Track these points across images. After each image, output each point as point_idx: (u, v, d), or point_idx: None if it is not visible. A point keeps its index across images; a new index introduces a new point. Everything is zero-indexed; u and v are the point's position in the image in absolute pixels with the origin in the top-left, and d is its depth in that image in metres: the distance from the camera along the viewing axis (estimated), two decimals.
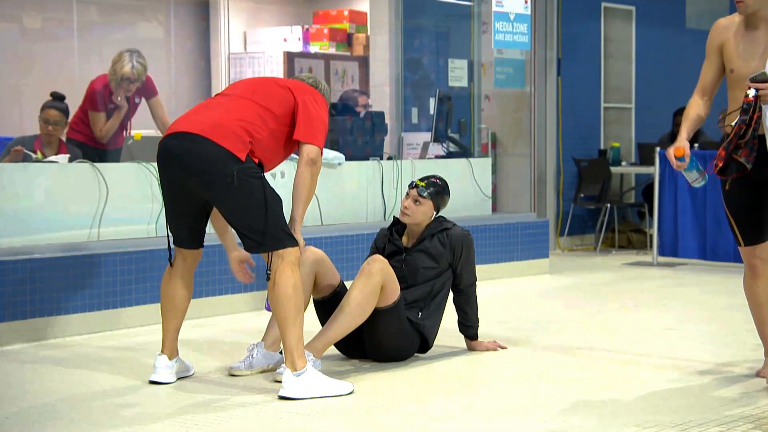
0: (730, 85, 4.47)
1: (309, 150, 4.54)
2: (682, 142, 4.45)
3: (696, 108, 4.56)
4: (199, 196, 4.49)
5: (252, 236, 4.41)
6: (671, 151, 4.41)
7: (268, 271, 4.38)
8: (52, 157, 6.24)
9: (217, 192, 4.39)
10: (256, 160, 4.46)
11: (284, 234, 4.42)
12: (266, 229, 4.38)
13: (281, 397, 4.31)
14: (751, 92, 4.19)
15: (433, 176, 5.27)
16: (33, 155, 6.22)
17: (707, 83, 4.57)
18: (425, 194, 5.16)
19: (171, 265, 4.59)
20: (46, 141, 6.51)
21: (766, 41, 4.40)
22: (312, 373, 4.36)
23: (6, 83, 8.09)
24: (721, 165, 4.32)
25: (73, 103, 7.05)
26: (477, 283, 5.27)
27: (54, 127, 6.51)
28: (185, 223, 4.57)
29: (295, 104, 4.55)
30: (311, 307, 5.02)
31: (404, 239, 5.23)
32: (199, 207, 4.55)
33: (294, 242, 4.44)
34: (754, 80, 4.19)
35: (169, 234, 4.60)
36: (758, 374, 4.63)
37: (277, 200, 4.45)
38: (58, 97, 6.65)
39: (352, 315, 4.78)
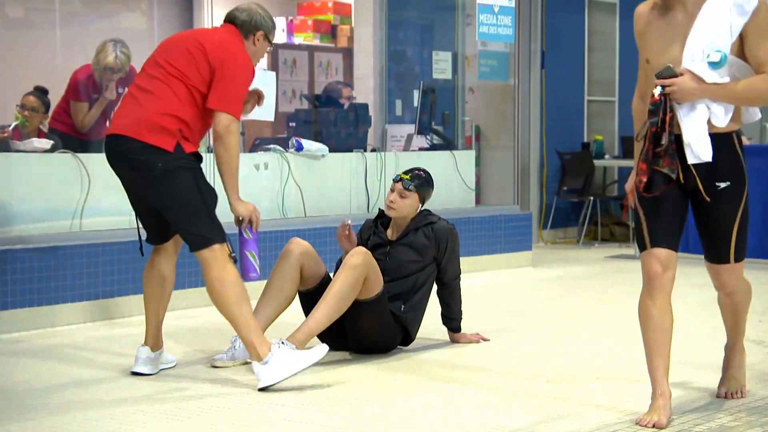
0: (647, 80, 3.82)
1: (219, 120, 4.34)
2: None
3: (640, 116, 3.84)
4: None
5: (185, 234, 4.38)
6: (630, 198, 3.88)
7: (233, 254, 4.37)
8: (34, 141, 6.19)
9: (149, 190, 4.37)
10: (193, 147, 4.36)
11: (211, 230, 4.34)
12: (193, 226, 4.33)
13: (261, 390, 4.30)
14: (657, 90, 3.65)
15: (417, 169, 5.27)
16: (18, 120, 6.19)
17: (643, 84, 3.89)
18: (411, 187, 5.16)
19: (142, 254, 4.58)
20: (23, 129, 6.48)
21: (685, 26, 3.72)
22: (279, 355, 4.31)
23: None
24: (645, 181, 3.71)
25: (56, 93, 7.02)
26: (461, 276, 5.27)
27: (30, 113, 6.49)
28: (147, 222, 4.58)
29: (211, 70, 4.38)
30: (297, 299, 5.02)
31: (389, 232, 5.22)
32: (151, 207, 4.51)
33: (221, 238, 4.36)
34: (660, 76, 3.65)
35: (139, 225, 4.60)
36: (638, 422, 3.77)
37: (210, 194, 4.37)
38: (41, 90, 6.65)
39: (333, 306, 4.77)
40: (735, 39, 3.66)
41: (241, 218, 4.53)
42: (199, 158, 4.43)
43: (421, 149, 8.16)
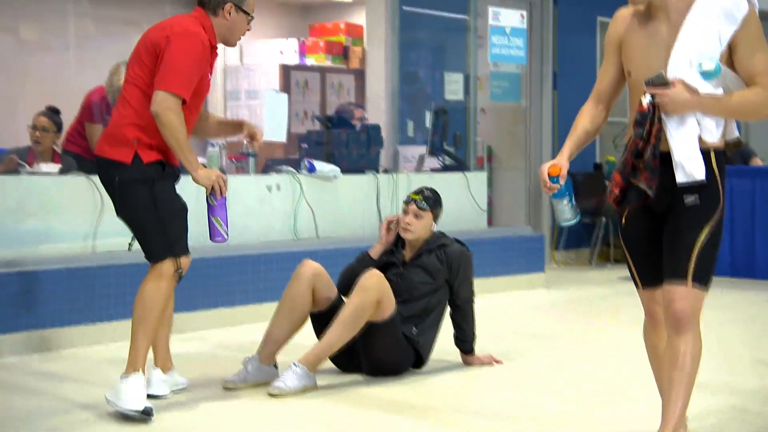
0: (630, 91, 3.59)
1: (153, 98, 4.18)
2: (562, 159, 3.59)
3: (586, 118, 3.66)
4: None
5: (143, 247, 4.35)
6: (545, 168, 3.56)
7: (179, 271, 4.31)
8: (42, 166, 6.23)
9: (114, 205, 4.36)
10: (156, 154, 4.26)
11: (161, 246, 4.28)
12: (144, 241, 4.31)
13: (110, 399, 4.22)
14: (646, 99, 3.39)
15: (425, 188, 5.28)
16: (26, 167, 6.21)
17: (603, 88, 3.66)
18: (425, 206, 5.17)
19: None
20: (35, 149, 6.51)
21: (669, 35, 3.45)
22: (135, 383, 4.22)
23: (2, 95, 8.07)
24: (617, 193, 3.47)
25: (70, 115, 7.06)
26: (474, 298, 5.27)
27: (42, 134, 6.53)
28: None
29: (158, 58, 4.24)
30: (309, 320, 5.02)
31: (404, 253, 5.22)
32: None
33: (172, 254, 4.28)
34: (650, 84, 3.38)
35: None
36: None
37: (167, 207, 4.27)
38: (52, 110, 6.69)
39: (345, 328, 4.77)
40: (724, 48, 3.40)
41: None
42: (168, 166, 4.31)
43: (433, 170, 8.16)
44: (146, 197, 4.25)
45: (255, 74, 9.61)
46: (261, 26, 10.18)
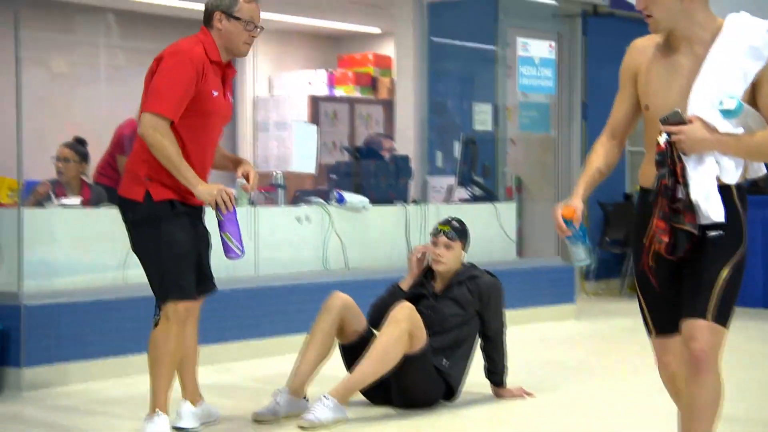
0: (646, 126, 3.42)
1: (139, 121, 4.18)
2: (576, 200, 3.39)
3: (600, 155, 3.48)
4: None
5: (151, 287, 4.33)
6: (558, 211, 3.38)
7: (156, 317, 4.29)
8: (64, 199, 6.26)
9: (129, 241, 4.36)
10: (169, 192, 4.21)
11: (163, 288, 4.26)
12: (150, 281, 4.30)
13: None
14: (662, 138, 3.23)
15: (451, 218, 5.27)
16: (53, 198, 6.25)
17: (618, 122, 3.48)
18: (453, 237, 5.15)
19: None
20: (59, 179, 6.56)
21: (691, 69, 3.28)
22: (155, 423, 4.25)
23: (33, 127, 8.13)
24: (668, 241, 3.25)
25: (101, 147, 7.10)
26: (505, 329, 5.23)
27: (64, 164, 6.57)
28: None
29: None
30: (337, 352, 4.99)
31: (435, 285, 5.20)
32: None
33: (178, 295, 4.24)
34: (665, 122, 3.23)
35: None
36: None
37: (170, 249, 4.22)
38: (78, 140, 6.74)
39: (379, 362, 4.74)
40: (748, 85, 3.24)
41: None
42: (180, 204, 4.26)
43: (462, 201, 8.14)
44: (151, 237, 4.24)
45: (284, 105, 9.65)
46: (290, 58, 10.25)
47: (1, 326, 5.39)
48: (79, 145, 6.75)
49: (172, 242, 4.23)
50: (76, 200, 6.28)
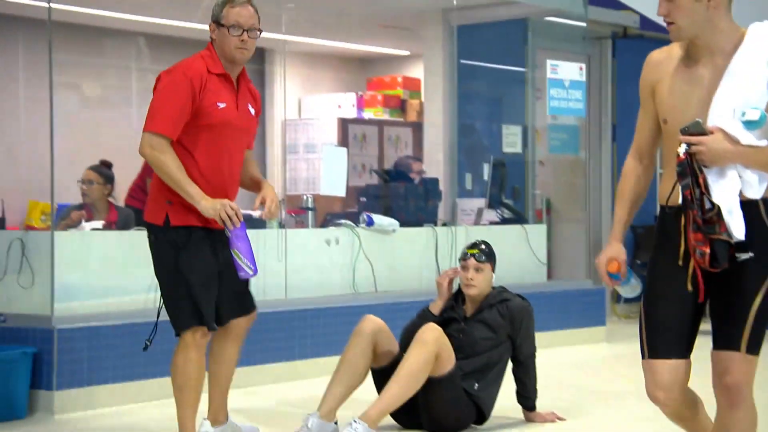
0: (665, 141, 3.26)
1: (140, 142, 4.16)
2: (615, 248, 3.30)
3: (631, 183, 3.33)
4: None
5: (167, 313, 4.29)
6: (603, 267, 3.30)
7: (147, 341, 4.29)
8: (85, 224, 6.28)
9: None
10: (191, 218, 4.16)
11: (178, 315, 4.23)
12: (166, 308, 4.26)
13: None
14: (682, 149, 3.07)
15: (478, 241, 5.25)
16: (84, 223, 6.29)
17: (643, 141, 3.33)
18: (483, 259, 5.13)
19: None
20: (84, 201, 6.61)
21: (711, 80, 3.13)
22: None
23: (65, 150, 8.20)
24: (708, 253, 3.07)
25: (133, 170, 7.14)
26: (536, 353, 5.20)
27: (88, 187, 6.62)
28: None
29: None
30: (369, 376, 4.98)
31: (465, 308, 5.18)
32: None
33: (196, 321, 4.20)
34: (685, 132, 3.06)
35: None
36: None
37: (192, 275, 4.16)
38: (104, 163, 6.79)
39: (405, 384, 4.72)
40: None
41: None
42: (199, 230, 4.18)
43: (491, 223, 8.12)
44: (168, 263, 4.20)
45: (313, 128, 9.68)
46: (319, 80, 10.28)
47: (33, 349, 5.42)
48: (104, 168, 6.80)
49: (188, 269, 4.18)
50: (98, 223, 6.30)
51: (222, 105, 4.21)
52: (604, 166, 9.67)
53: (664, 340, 3.18)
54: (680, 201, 3.11)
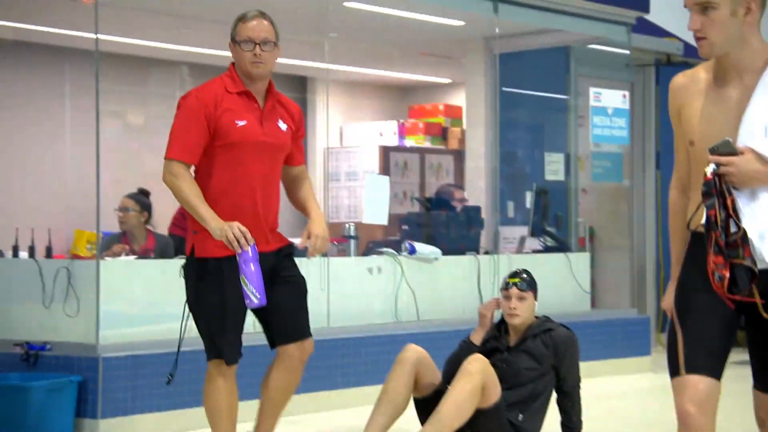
0: (693, 165, 3.09)
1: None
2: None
3: (680, 214, 3.15)
4: None
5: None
6: (670, 313, 3.12)
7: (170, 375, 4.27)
8: (119, 258, 6.30)
9: None
10: (214, 250, 4.07)
11: (206, 345, 4.20)
12: (201, 335, 4.23)
13: None
14: (710, 168, 2.90)
15: (519, 270, 5.21)
16: (124, 255, 6.35)
17: (684, 170, 3.15)
18: (525, 288, 5.09)
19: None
20: (120, 228, 6.66)
21: (739, 100, 2.98)
22: None
23: (109, 179, 8.31)
24: (728, 276, 2.89)
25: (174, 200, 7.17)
26: (581, 383, 5.14)
27: (125, 214, 6.68)
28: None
29: None
30: (411, 405, 4.95)
31: (509, 338, 5.14)
32: None
33: (214, 354, 4.18)
34: (714, 152, 2.89)
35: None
36: None
37: (213, 308, 4.12)
38: (141, 191, 6.85)
39: (451, 415, 4.68)
40: None
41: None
42: (220, 261, 4.08)
43: (534, 251, 8.08)
44: (189, 294, 4.18)
45: (355, 156, 9.70)
46: (360, 109, 10.32)
47: (78, 377, 5.44)
48: (140, 196, 6.87)
49: (209, 302, 4.14)
50: (127, 258, 6.34)
51: (241, 123, 4.15)
52: (647, 193, 9.59)
53: (704, 355, 2.97)
54: (703, 221, 2.95)
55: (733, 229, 2.87)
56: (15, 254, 6.27)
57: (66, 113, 8.20)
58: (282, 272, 4.27)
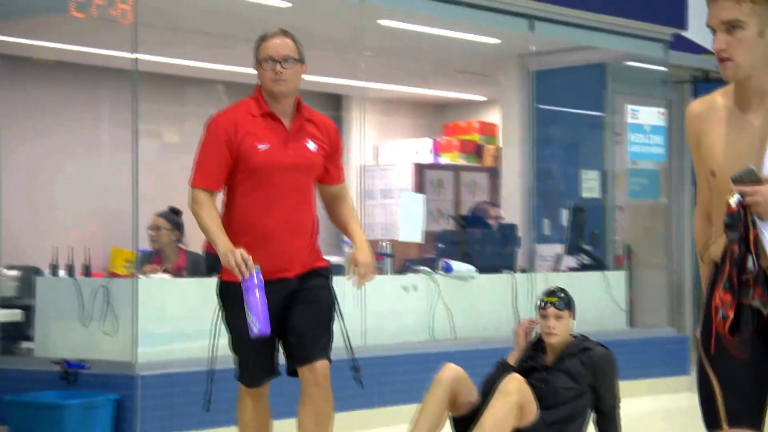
0: (714, 195, 2.88)
1: None
2: None
3: (707, 240, 2.94)
4: None
5: None
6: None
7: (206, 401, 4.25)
8: (151, 276, 6.33)
9: None
10: (230, 274, 3.98)
11: (235, 366, 4.19)
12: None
13: None
14: (734, 199, 2.69)
15: (556, 289, 5.18)
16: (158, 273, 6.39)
17: (707, 198, 2.94)
18: (562, 306, 5.06)
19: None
20: (154, 247, 6.70)
21: (762, 127, 2.79)
22: None
23: (145, 197, 8.37)
24: (732, 317, 2.68)
25: None
26: (620, 403, 5.09)
27: (156, 233, 6.73)
28: None
29: None
30: (448, 424, 4.93)
31: (546, 357, 5.11)
32: None
33: (237, 375, 4.17)
34: (738, 180, 2.68)
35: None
36: None
37: (233, 332, 4.08)
38: (172, 210, 6.89)
39: None
40: None
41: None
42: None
43: (570, 269, 8.03)
44: (221, 314, 4.16)
45: (389, 174, 9.70)
46: (395, 126, 10.32)
47: (116, 396, 5.47)
48: (172, 214, 6.92)
49: (233, 324, 4.09)
50: (158, 269, 6.38)
51: (263, 146, 4.04)
52: (685, 210, 9.52)
53: (746, 405, 2.77)
54: (718, 253, 2.78)
55: (749, 265, 2.67)
56: (54, 273, 6.32)
57: (103, 132, 8.27)
58: (303, 293, 4.13)
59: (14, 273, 6.39)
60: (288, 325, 4.07)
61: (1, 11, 6.15)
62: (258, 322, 3.85)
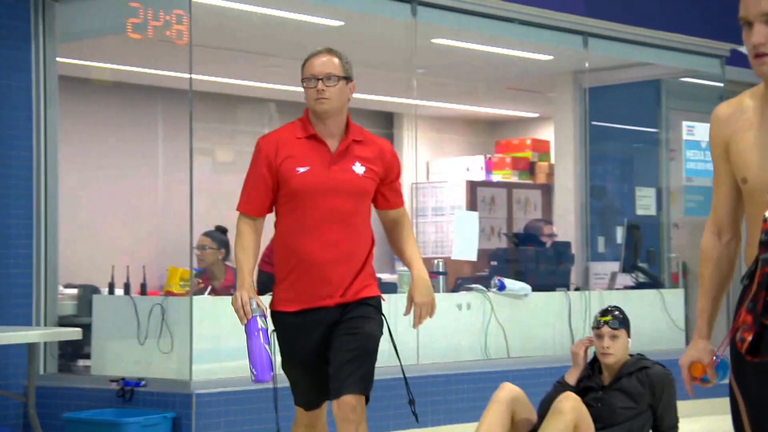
0: (747, 203, 2.67)
1: None
2: (699, 348, 2.75)
3: (711, 262, 2.82)
4: None
5: None
6: (686, 372, 2.76)
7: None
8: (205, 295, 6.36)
9: None
10: (286, 304, 3.92)
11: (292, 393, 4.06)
12: None
13: None
14: None
15: (611, 308, 5.14)
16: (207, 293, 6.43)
17: (722, 211, 2.77)
18: (617, 326, 5.01)
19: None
20: (200, 266, 6.74)
21: None
22: None
23: (198, 215, 8.43)
24: (750, 339, 2.44)
25: (266, 236, 7.23)
26: (679, 424, 5.02)
27: (202, 252, 6.77)
28: None
29: None
30: None
31: (602, 377, 5.06)
32: None
33: (295, 402, 4.04)
34: None
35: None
36: None
37: (283, 360, 3.96)
38: (219, 228, 6.94)
39: None
40: None
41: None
42: (287, 315, 3.90)
43: (626, 288, 7.94)
44: (278, 344, 3.99)
45: (441, 191, 9.69)
46: (447, 144, 10.32)
47: (172, 414, 5.50)
48: (217, 233, 6.96)
49: (281, 350, 3.99)
50: (201, 298, 6.41)
51: (302, 170, 3.88)
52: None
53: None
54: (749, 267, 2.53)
55: None
56: (111, 291, 6.37)
57: (159, 151, 8.36)
58: (344, 324, 3.92)
59: (72, 292, 6.46)
60: (328, 356, 3.91)
61: (61, 34, 6.24)
62: (255, 370, 3.73)
